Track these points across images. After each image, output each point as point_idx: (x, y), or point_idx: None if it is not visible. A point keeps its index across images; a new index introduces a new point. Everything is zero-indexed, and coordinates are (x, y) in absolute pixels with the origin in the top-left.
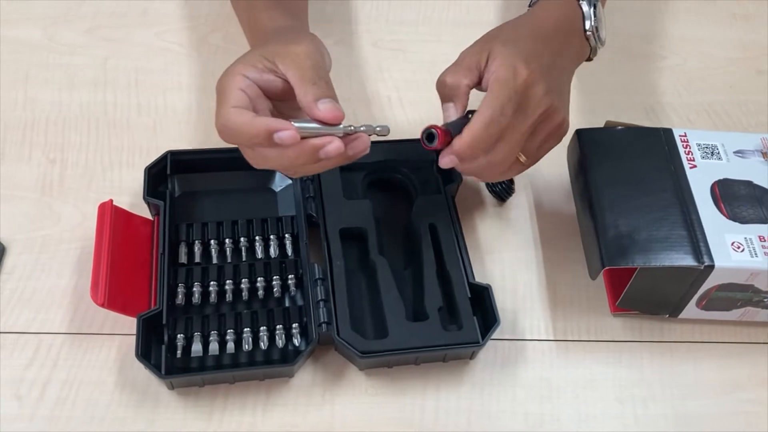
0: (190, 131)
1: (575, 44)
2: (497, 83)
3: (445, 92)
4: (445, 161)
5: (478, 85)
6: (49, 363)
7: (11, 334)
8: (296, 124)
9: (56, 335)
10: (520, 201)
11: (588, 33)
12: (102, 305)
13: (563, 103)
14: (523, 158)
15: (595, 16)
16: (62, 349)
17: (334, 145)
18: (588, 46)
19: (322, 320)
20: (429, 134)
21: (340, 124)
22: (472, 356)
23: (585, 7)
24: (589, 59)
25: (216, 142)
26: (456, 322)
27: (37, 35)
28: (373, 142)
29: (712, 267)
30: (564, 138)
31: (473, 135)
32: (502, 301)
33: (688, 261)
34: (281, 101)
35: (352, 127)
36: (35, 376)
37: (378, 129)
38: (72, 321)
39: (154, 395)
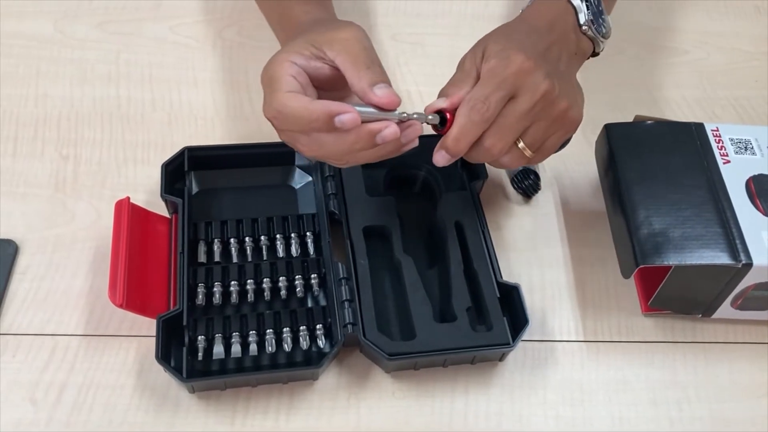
0: (206, 127)
1: (572, 39)
2: (487, 73)
3: None
4: (437, 159)
5: None
6: (66, 366)
7: (26, 336)
8: (356, 108)
9: (72, 337)
10: (546, 198)
11: (584, 27)
12: (120, 306)
13: (567, 90)
14: (528, 152)
15: (588, 9)
16: (79, 351)
17: (391, 130)
18: (588, 41)
19: (347, 321)
20: (442, 119)
21: (396, 110)
22: (501, 358)
23: (576, 1)
24: (595, 54)
25: (234, 137)
26: (485, 322)
27: (48, 29)
28: None
29: (749, 265)
30: (589, 135)
31: (457, 127)
32: (530, 300)
33: (724, 259)
34: (327, 91)
35: (406, 114)
36: (51, 380)
37: (430, 118)
38: (88, 322)
39: (174, 399)
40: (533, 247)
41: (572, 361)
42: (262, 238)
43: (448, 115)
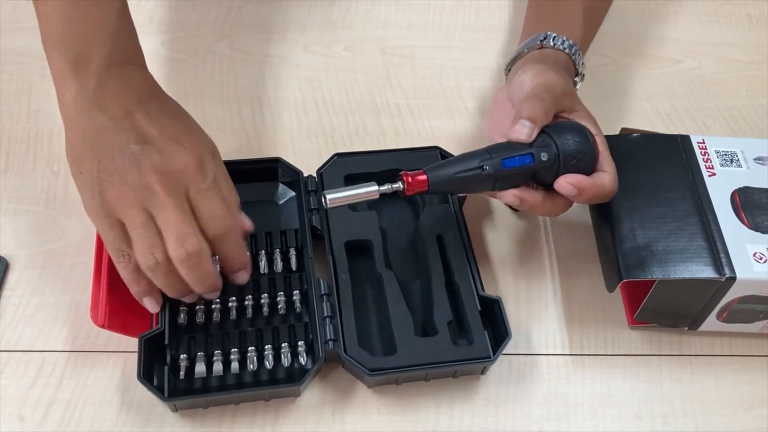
0: None
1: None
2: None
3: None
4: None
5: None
6: (53, 382)
7: (14, 352)
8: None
9: (60, 353)
10: None
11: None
12: (102, 326)
13: None
14: None
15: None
16: (66, 367)
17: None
18: None
19: (328, 337)
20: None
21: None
22: (483, 371)
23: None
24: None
25: (223, 152)
26: (466, 336)
27: (40, 46)
28: (379, 151)
29: (733, 279)
30: None
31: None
32: (515, 314)
33: (708, 273)
34: None
35: (379, 188)
36: (39, 396)
37: (395, 186)
38: (76, 338)
39: (160, 416)
40: (519, 259)
41: (557, 375)
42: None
43: (407, 178)
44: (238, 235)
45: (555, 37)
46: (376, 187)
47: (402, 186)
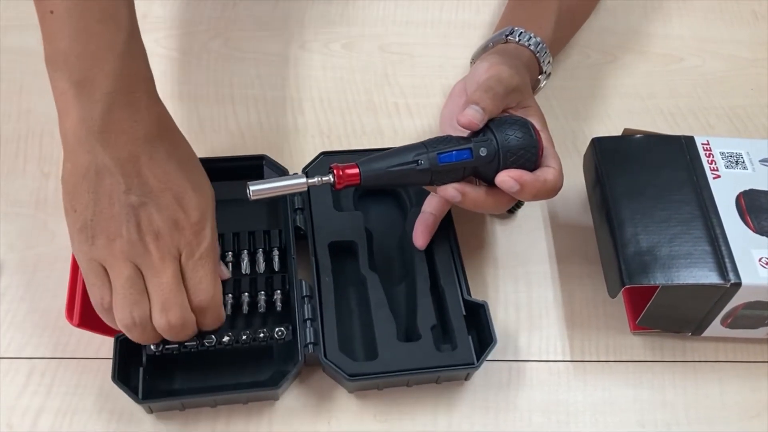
0: (190, 141)
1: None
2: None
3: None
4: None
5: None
6: (43, 390)
7: (3, 359)
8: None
9: (50, 360)
10: (533, 213)
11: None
12: (77, 326)
13: None
14: None
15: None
16: (56, 374)
17: None
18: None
19: (308, 341)
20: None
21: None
22: (467, 377)
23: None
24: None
25: (218, 151)
26: (450, 341)
27: (32, 43)
28: (366, 150)
29: (738, 285)
30: (580, 147)
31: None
32: (515, 318)
33: (712, 278)
34: None
35: (308, 181)
36: (28, 404)
37: (325, 179)
38: (67, 345)
39: (152, 424)
40: (520, 263)
41: (558, 382)
42: (228, 254)
43: (338, 171)
44: (218, 307)
45: (522, 33)
46: (304, 180)
47: (332, 179)
